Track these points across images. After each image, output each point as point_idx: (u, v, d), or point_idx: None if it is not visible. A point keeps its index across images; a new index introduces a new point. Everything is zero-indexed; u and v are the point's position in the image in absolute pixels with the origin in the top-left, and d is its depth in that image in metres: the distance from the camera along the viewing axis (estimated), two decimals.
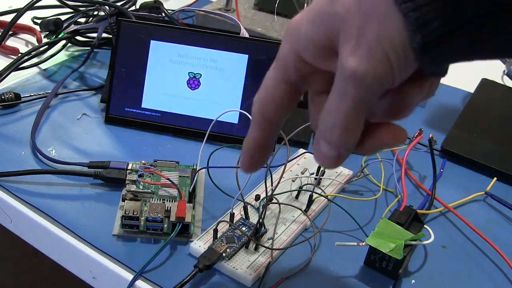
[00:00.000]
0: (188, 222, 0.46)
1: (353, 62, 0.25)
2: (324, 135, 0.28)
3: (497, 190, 0.57)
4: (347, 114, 0.26)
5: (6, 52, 0.72)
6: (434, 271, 0.48)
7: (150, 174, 0.51)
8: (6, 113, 0.61)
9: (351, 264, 0.47)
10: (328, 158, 0.28)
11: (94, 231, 0.47)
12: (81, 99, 0.65)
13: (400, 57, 0.25)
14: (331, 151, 0.28)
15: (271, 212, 0.50)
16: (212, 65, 0.60)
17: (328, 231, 0.50)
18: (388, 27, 0.24)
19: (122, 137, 0.60)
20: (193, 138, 0.60)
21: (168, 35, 0.60)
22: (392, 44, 0.24)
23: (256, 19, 0.79)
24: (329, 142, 0.28)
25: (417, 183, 0.58)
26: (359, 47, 0.25)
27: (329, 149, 0.28)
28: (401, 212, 0.49)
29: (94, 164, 0.53)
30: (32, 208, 0.49)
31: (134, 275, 0.43)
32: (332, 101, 0.27)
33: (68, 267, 0.48)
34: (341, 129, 0.27)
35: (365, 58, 0.25)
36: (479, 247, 0.51)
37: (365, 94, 0.26)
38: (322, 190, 0.53)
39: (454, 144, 0.63)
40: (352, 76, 0.25)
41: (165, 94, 0.61)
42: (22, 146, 0.56)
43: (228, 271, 0.44)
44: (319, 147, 0.28)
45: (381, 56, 0.25)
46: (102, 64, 0.72)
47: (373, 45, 0.25)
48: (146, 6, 0.78)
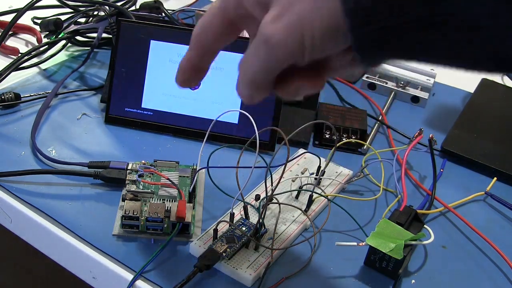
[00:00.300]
0: (188, 222, 0.46)
1: (270, 30, 0.26)
2: (240, 76, 0.30)
3: (497, 190, 0.57)
4: (254, 70, 0.29)
5: (6, 52, 0.72)
6: (434, 271, 0.48)
7: (150, 174, 0.51)
8: (6, 113, 0.61)
9: (351, 264, 0.47)
10: (242, 96, 0.31)
11: (94, 231, 0.47)
12: (81, 99, 0.65)
13: (316, 42, 0.26)
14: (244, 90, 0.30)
15: (271, 212, 0.50)
16: (212, 65, 0.60)
17: (328, 231, 0.50)
18: (316, 11, 0.25)
19: (122, 137, 0.60)
20: (193, 138, 0.60)
21: (168, 35, 0.60)
22: (311, 28, 0.25)
23: None
24: (241, 85, 0.30)
25: (417, 183, 0.58)
26: (280, 18, 0.26)
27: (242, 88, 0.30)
28: (401, 212, 0.49)
29: (94, 164, 0.53)
30: (32, 208, 0.49)
31: (134, 275, 0.43)
32: (248, 52, 0.29)
33: (68, 267, 0.48)
34: (248, 79, 0.29)
35: (281, 30, 0.26)
36: (479, 247, 0.51)
37: (273, 60, 0.27)
38: (322, 190, 0.53)
39: (454, 144, 0.63)
40: (265, 41, 0.27)
41: (165, 94, 0.61)
42: (22, 146, 0.56)
43: (228, 271, 0.44)
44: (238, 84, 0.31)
45: (296, 35, 0.26)
46: (102, 64, 0.72)
47: (293, 22, 0.26)
48: (146, 6, 0.78)
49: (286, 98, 0.32)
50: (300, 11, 0.25)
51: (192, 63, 0.34)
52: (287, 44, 0.26)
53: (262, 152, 0.58)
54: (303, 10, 0.25)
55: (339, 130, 0.62)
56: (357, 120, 0.64)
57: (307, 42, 0.26)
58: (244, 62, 0.30)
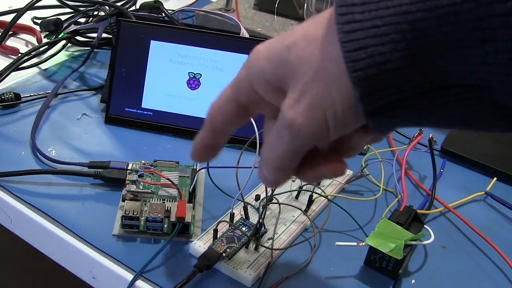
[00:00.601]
0: (188, 222, 0.46)
1: (292, 114, 0.27)
2: (263, 161, 0.30)
3: (497, 190, 0.57)
4: (279, 156, 0.29)
5: (6, 52, 0.72)
6: (434, 271, 0.48)
7: (150, 174, 0.51)
8: (6, 113, 0.61)
9: (351, 264, 0.47)
10: (267, 181, 0.32)
11: (94, 231, 0.47)
12: (81, 99, 0.65)
13: (338, 119, 0.26)
14: (269, 176, 0.31)
15: (271, 212, 0.50)
16: (212, 65, 0.60)
17: (328, 231, 0.50)
18: (333, 90, 0.25)
19: (122, 137, 0.60)
20: (193, 138, 0.60)
21: (168, 35, 0.60)
22: (333, 106, 0.26)
23: (256, 19, 0.79)
24: (266, 170, 0.30)
25: (417, 183, 0.58)
26: (300, 102, 0.26)
27: (267, 174, 0.31)
28: (401, 212, 0.49)
29: (94, 164, 0.53)
30: (32, 208, 0.49)
31: (134, 275, 0.43)
32: (270, 138, 0.29)
33: (68, 267, 0.48)
34: (273, 166, 0.30)
35: (303, 114, 0.26)
36: (479, 247, 0.51)
37: (298, 144, 0.28)
38: (322, 190, 0.53)
39: (454, 144, 0.63)
40: (289, 126, 0.27)
41: (165, 94, 0.61)
42: (22, 146, 0.56)
43: (228, 271, 0.44)
44: (261, 169, 0.31)
45: (318, 116, 0.26)
46: (102, 64, 0.72)
47: (314, 104, 0.26)
48: (146, 6, 0.78)
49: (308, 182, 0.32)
50: (319, 91, 0.26)
51: (205, 143, 0.35)
52: (311, 126, 0.26)
53: None
54: (322, 90, 0.26)
55: None
56: None
57: (330, 121, 0.26)
58: (268, 149, 0.30)
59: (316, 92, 0.26)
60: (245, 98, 0.31)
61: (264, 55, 0.28)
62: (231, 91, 0.31)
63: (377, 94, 0.24)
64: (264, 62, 0.28)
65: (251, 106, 0.31)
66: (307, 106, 0.26)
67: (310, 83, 0.26)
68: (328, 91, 0.25)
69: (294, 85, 0.27)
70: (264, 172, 0.31)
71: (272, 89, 0.28)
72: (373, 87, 0.24)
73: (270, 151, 0.30)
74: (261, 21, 0.79)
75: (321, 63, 0.26)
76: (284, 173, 0.30)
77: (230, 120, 0.32)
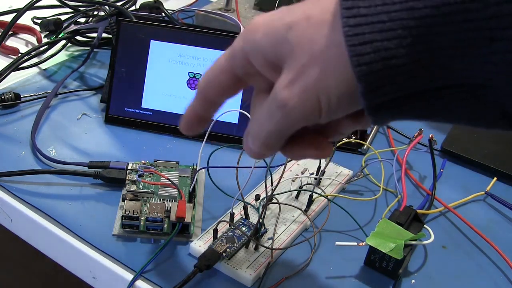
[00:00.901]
0: (188, 222, 0.46)
1: (286, 95, 0.27)
2: (251, 136, 0.30)
3: (497, 190, 0.57)
4: (269, 132, 0.29)
5: (6, 52, 0.72)
6: (434, 271, 0.48)
7: (150, 174, 0.51)
8: (6, 113, 0.61)
9: (351, 264, 0.47)
10: (251, 153, 0.31)
11: (94, 231, 0.47)
12: (81, 99, 0.65)
13: (332, 104, 0.26)
14: (254, 149, 0.31)
15: (271, 212, 0.50)
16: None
17: (328, 231, 0.50)
18: (330, 75, 0.25)
19: (122, 137, 0.60)
20: (193, 138, 0.60)
21: (168, 35, 0.60)
22: (327, 91, 0.26)
23: None
24: (252, 143, 0.30)
25: (417, 183, 0.58)
26: (295, 84, 0.26)
27: (253, 147, 0.31)
28: (401, 212, 0.49)
29: (94, 164, 0.53)
30: (32, 208, 0.49)
31: (134, 275, 0.43)
32: (261, 114, 0.29)
33: (68, 267, 0.48)
34: (261, 142, 0.30)
35: (297, 95, 0.26)
36: (479, 247, 0.51)
37: (288, 124, 0.28)
38: (322, 190, 0.53)
39: (454, 144, 0.63)
40: (282, 106, 0.27)
41: (165, 94, 0.61)
42: (22, 146, 0.56)
43: (228, 271, 0.44)
44: (247, 140, 0.31)
45: (312, 99, 0.26)
46: (102, 64, 0.72)
47: (309, 86, 0.26)
48: (146, 6, 0.78)
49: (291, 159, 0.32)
50: (316, 75, 0.26)
51: (197, 114, 0.34)
52: (304, 108, 0.26)
53: None
54: (318, 74, 0.25)
55: None
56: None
57: (323, 105, 0.26)
58: (257, 124, 0.30)
59: (313, 75, 0.26)
60: (239, 69, 0.30)
61: (263, 30, 0.28)
62: (226, 62, 0.31)
63: (381, 90, 0.24)
64: (262, 36, 0.28)
65: (245, 78, 0.31)
66: (302, 88, 0.26)
67: (307, 66, 0.26)
68: (325, 76, 0.25)
69: (291, 65, 0.27)
70: (249, 144, 0.31)
71: (268, 64, 0.28)
72: (377, 83, 0.24)
73: (259, 127, 0.30)
74: None
75: (321, 48, 0.25)
76: (271, 149, 0.30)
77: (224, 91, 0.32)
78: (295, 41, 0.26)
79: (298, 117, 0.27)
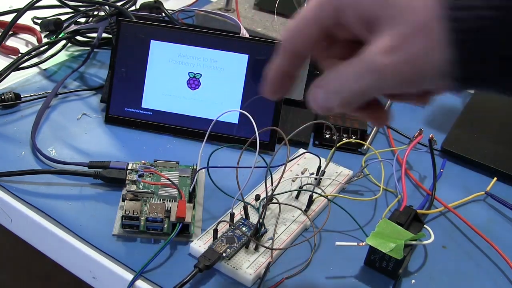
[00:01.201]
0: (188, 222, 0.46)
1: (383, 60, 0.26)
2: (326, 89, 0.29)
3: (497, 190, 0.57)
4: (352, 92, 0.28)
5: (6, 52, 0.72)
6: (434, 271, 0.48)
7: (150, 174, 0.51)
8: (6, 113, 0.61)
9: (351, 264, 0.47)
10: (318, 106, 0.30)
11: (94, 231, 0.47)
12: (81, 99, 0.65)
13: (424, 79, 0.26)
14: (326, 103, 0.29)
15: (271, 212, 0.50)
16: (212, 65, 0.60)
17: (328, 231, 0.50)
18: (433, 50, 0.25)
19: (122, 137, 0.60)
20: (193, 138, 0.60)
21: (168, 35, 0.60)
22: (425, 67, 0.26)
23: (256, 19, 0.79)
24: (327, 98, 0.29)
25: (417, 183, 0.58)
26: (396, 51, 0.26)
27: (324, 101, 0.29)
28: (401, 212, 0.49)
29: (94, 164, 0.53)
30: (32, 208, 0.49)
31: (134, 275, 0.43)
32: (346, 73, 0.28)
33: (68, 267, 0.48)
34: (340, 99, 0.28)
35: (396, 63, 0.26)
36: (479, 247, 0.51)
37: (378, 89, 0.27)
38: (322, 190, 0.53)
39: (454, 144, 0.63)
40: (376, 71, 0.26)
41: (165, 94, 0.61)
42: (22, 146, 0.56)
43: (228, 271, 0.44)
44: (316, 93, 0.29)
45: (409, 72, 0.26)
46: (102, 64, 0.72)
47: (410, 59, 0.26)
48: (146, 6, 0.78)
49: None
50: (419, 48, 0.25)
51: (282, 70, 0.32)
52: (400, 78, 0.26)
53: (262, 152, 0.58)
54: (422, 48, 0.25)
55: (339, 130, 0.62)
56: (357, 120, 0.64)
57: (417, 79, 0.26)
58: (340, 79, 0.28)
59: (416, 48, 0.25)
60: (328, 25, 0.29)
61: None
62: (313, 13, 0.29)
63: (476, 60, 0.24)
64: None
65: (334, 31, 0.29)
66: (402, 59, 0.26)
67: (411, 37, 0.25)
68: (428, 51, 0.25)
69: (392, 31, 0.26)
70: (320, 95, 0.29)
71: (362, 21, 0.27)
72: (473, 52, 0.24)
73: (342, 83, 0.28)
74: (261, 21, 0.79)
75: (424, 20, 0.25)
76: (346, 107, 0.29)
77: (311, 42, 0.30)
78: (398, 5, 0.26)
79: (390, 84, 0.27)
